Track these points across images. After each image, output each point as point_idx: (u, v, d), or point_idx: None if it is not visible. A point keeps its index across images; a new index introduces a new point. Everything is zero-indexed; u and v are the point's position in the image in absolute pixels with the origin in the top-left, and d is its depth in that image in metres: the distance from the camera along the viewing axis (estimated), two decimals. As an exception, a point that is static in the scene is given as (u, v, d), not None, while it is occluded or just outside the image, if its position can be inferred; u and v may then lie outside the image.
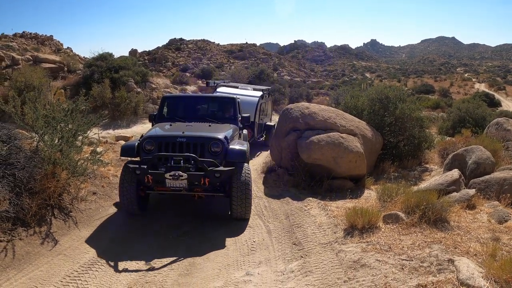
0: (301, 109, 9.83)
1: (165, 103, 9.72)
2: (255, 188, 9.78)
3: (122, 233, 7.01)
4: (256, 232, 6.87)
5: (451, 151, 11.45)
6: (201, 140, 7.10)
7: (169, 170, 6.63)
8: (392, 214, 5.94)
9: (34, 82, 19.63)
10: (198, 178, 6.65)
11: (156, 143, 7.15)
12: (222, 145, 7.10)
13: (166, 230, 7.16)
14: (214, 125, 8.43)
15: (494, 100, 50.17)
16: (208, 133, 7.52)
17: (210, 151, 7.04)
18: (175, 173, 6.56)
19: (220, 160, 7.01)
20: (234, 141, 7.98)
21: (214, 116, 9.37)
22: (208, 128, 8.03)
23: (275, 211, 7.81)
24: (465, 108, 23.67)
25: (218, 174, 6.67)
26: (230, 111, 9.51)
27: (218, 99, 10.53)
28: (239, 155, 7.19)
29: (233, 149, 7.21)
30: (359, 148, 9.29)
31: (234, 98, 9.74)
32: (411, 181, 10.31)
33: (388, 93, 12.16)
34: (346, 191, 8.87)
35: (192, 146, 6.98)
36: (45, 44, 45.95)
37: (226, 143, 7.22)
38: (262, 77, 38.34)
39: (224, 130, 7.82)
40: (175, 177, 6.56)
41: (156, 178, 6.74)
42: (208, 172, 6.62)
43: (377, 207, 6.73)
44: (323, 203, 7.58)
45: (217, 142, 7.09)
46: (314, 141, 8.97)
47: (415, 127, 12.06)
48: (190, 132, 7.37)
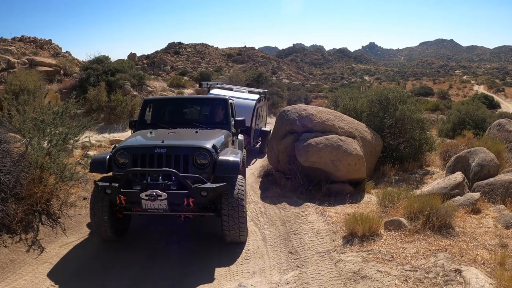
0: (298, 111, 9.51)
1: (147, 107, 8.53)
2: (251, 192, 9.51)
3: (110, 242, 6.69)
4: (251, 239, 6.53)
5: (453, 153, 11.18)
6: (184, 150, 5.90)
7: (145, 189, 5.52)
8: (394, 221, 5.62)
9: (29, 85, 19.36)
10: (180, 198, 5.52)
11: (130, 156, 5.94)
12: (210, 155, 5.89)
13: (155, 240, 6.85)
14: (202, 131, 7.31)
15: (493, 102, 50.23)
16: (193, 141, 6.36)
17: (196, 164, 5.86)
18: (152, 192, 5.43)
19: (208, 174, 5.87)
20: (226, 149, 6.74)
21: (203, 120, 8.33)
22: (194, 135, 6.95)
23: (271, 217, 7.49)
24: (465, 110, 23.49)
25: (205, 193, 5.50)
26: (222, 114, 8.31)
27: (207, 101, 9.55)
28: (231, 168, 5.95)
29: (224, 161, 5.97)
30: (358, 151, 8.98)
31: (225, 99, 8.46)
32: (412, 184, 10.01)
33: (388, 94, 11.87)
34: (345, 195, 8.57)
35: (173, 158, 5.81)
36: (44, 48, 45.78)
37: (215, 153, 6.02)
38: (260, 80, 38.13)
39: (213, 137, 6.61)
40: (152, 198, 5.42)
41: (130, 199, 5.63)
42: (192, 190, 5.47)
43: (378, 212, 6.43)
44: (321, 209, 7.27)
45: (203, 153, 5.89)
46: (311, 143, 8.65)
47: (415, 129, 11.76)
48: (171, 141, 6.19)
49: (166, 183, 5.65)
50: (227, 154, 6.31)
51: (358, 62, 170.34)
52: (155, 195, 5.43)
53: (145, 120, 8.26)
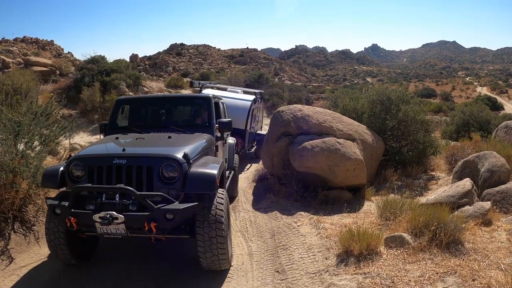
0: (293, 111, 8.84)
1: (119, 108, 7.33)
2: (244, 199, 8.91)
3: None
4: (236, 253, 5.84)
5: (459, 157, 10.58)
6: (147, 161, 4.81)
7: (98, 210, 4.53)
8: (396, 237, 4.94)
9: (22, 85, 18.88)
10: (140, 222, 4.50)
11: (86, 167, 4.92)
12: (180, 167, 4.80)
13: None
14: (178, 136, 6.17)
15: (497, 103, 50.02)
16: (160, 149, 5.31)
17: (162, 177, 4.80)
18: (106, 214, 4.41)
19: (177, 190, 4.80)
20: (204, 159, 5.57)
21: (182, 123, 7.22)
22: (165, 142, 5.86)
23: (260, 227, 6.83)
24: (469, 111, 22.97)
25: (170, 216, 4.45)
26: (203, 116, 7.13)
27: (187, 100, 8.20)
28: (205, 183, 4.82)
29: (196, 174, 4.84)
30: (358, 155, 8.32)
31: (208, 98, 7.19)
32: (416, 191, 9.38)
33: (390, 94, 11.21)
34: (343, 203, 7.93)
35: (135, 170, 4.77)
36: (46, 49, 45.52)
37: (187, 163, 4.90)
38: (261, 81, 37.65)
39: (187, 144, 5.51)
40: (106, 221, 4.39)
41: (82, 221, 4.63)
42: (154, 212, 4.43)
43: (378, 225, 5.78)
44: (315, 219, 6.59)
45: (171, 164, 4.80)
46: (307, 147, 7.99)
47: (419, 131, 11.10)
48: (135, 150, 5.27)
49: (123, 202, 4.57)
50: (202, 165, 5.18)
51: (360, 64, 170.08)
52: (110, 218, 4.40)
53: (116, 123, 7.14)
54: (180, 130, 6.54)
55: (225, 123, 6.84)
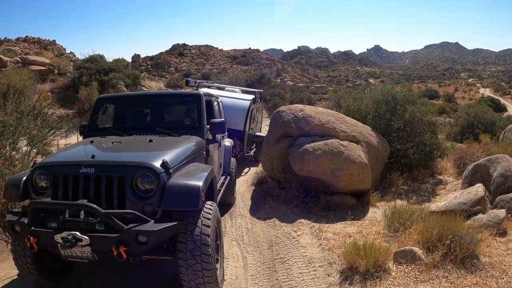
0: (294, 111, 8.32)
1: (100, 107, 6.45)
2: (241, 203, 8.41)
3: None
4: (230, 265, 5.32)
5: (468, 161, 10.10)
6: (118, 170, 4.03)
7: (60, 229, 3.77)
8: (407, 251, 4.42)
9: (18, 84, 18.48)
10: (108, 245, 3.70)
11: (50, 177, 4.16)
12: (157, 178, 3.99)
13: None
14: (161, 139, 5.35)
15: (500, 105, 49.65)
16: (135, 156, 4.54)
17: (137, 190, 4.00)
18: (68, 235, 3.64)
19: (154, 206, 3.99)
20: (189, 166, 4.72)
21: (169, 123, 6.47)
22: (143, 147, 5.02)
23: (257, 236, 6.30)
24: (473, 112, 22.53)
25: (143, 238, 3.69)
26: (193, 116, 6.24)
27: (173, 98, 7.17)
28: (186, 198, 3.97)
29: (176, 187, 4.00)
30: (362, 158, 7.81)
31: (198, 96, 6.26)
32: (423, 196, 8.89)
33: (396, 94, 10.70)
34: (346, 209, 7.45)
35: (105, 181, 4.00)
36: (48, 48, 45.21)
37: (166, 173, 4.09)
38: (262, 81, 37.27)
39: (169, 149, 4.72)
40: (67, 243, 3.61)
41: (43, 241, 3.88)
42: (124, 234, 3.67)
43: (385, 237, 5.27)
44: (317, 228, 6.07)
45: (146, 174, 4.00)
46: (308, 149, 7.48)
47: (426, 133, 10.59)
48: (106, 156, 4.60)
49: (89, 220, 3.77)
50: (186, 174, 4.36)
51: (363, 65, 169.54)
52: (72, 239, 3.62)
53: (96, 125, 6.26)
54: (166, 132, 5.68)
55: (218, 124, 5.92)
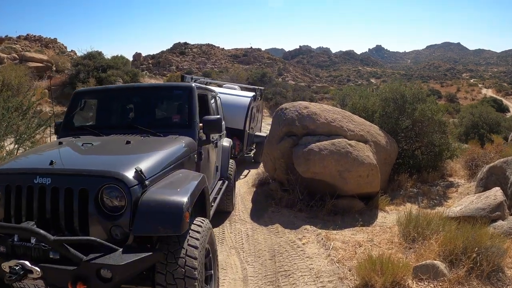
0: (298, 109, 7.77)
1: (77, 103, 5.50)
2: (242, 207, 7.84)
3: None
4: (228, 277, 4.73)
5: (480, 162, 9.58)
6: (79, 181, 3.18)
7: (9, 255, 2.99)
8: (428, 266, 3.88)
9: (13, 81, 18.00)
10: (63, 280, 2.91)
11: (3, 188, 3.32)
12: (127, 192, 3.11)
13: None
14: (141, 141, 4.45)
15: (503, 105, 49.28)
16: (103, 163, 3.57)
17: (103, 207, 3.13)
18: (16, 264, 2.85)
19: (124, 228, 3.11)
20: (173, 175, 3.81)
21: (154, 121, 5.42)
22: (118, 150, 4.12)
23: (258, 244, 5.72)
24: (478, 113, 22.11)
25: (107, 273, 2.86)
26: (183, 112, 5.29)
27: (161, 91, 6.07)
28: (163, 220, 3.06)
29: (151, 204, 3.12)
30: (371, 159, 7.28)
31: (189, 88, 5.29)
32: (434, 199, 8.38)
33: (405, 92, 10.17)
34: (354, 214, 6.94)
35: (64, 195, 3.15)
36: (49, 46, 44.85)
37: (140, 186, 3.20)
38: (264, 80, 36.83)
39: (147, 153, 3.85)
40: (14, 275, 2.82)
41: None
42: (82, 268, 2.87)
43: (399, 247, 4.75)
44: (324, 235, 5.53)
45: (114, 186, 3.14)
46: (314, 149, 6.94)
47: (435, 132, 10.06)
48: (67, 163, 3.51)
49: (41, 247, 2.95)
50: (167, 186, 3.47)
51: (364, 65, 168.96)
52: (19, 271, 2.83)
53: (72, 123, 5.34)
54: (150, 131, 4.76)
55: (212, 122, 4.91)
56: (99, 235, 3.05)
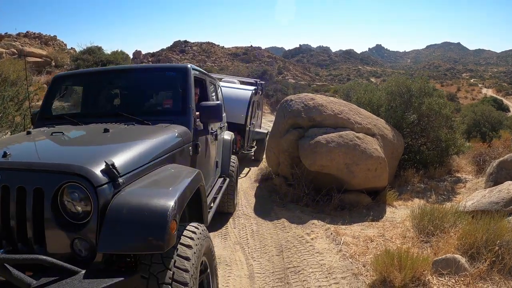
0: (304, 100, 7.52)
1: (57, 89, 4.82)
2: (245, 202, 7.58)
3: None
4: (233, 274, 4.46)
5: (488, 157, 9.37)
6: (34, 178, 2.47)
7: None
8: (449, 260, 3.64)
9: (11, 75, 17.78)
10: None
11: None
12: (93, 193, 2.37)
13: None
14: (124, 129, 3.77)
15: (503, 105, 49.14)
16: (66, 154, 3.02)
17: (63, 212, 2.43)
18: None
19: (90, 241, 2.38)
20: (160, 171, 3.08)
21: (143, 108, 4.72)
22: (92, 140, 3.42)
23: (264, 240, 5.46)
24: (480, 111, 21.97)
25: None
26: (176, 97, 4.51)
27: (151, 73, 5.09)
28: (140, 234, 2.28)
29: (124, 209, 2.33)
30: (379, 152, 7.05)
31: (184, 70, 4.53)
32: (442, 195, 8.17)
33: (411, 86, 9.93)
34: (362, 209, 6.73)
35: (16, 195, 2.45)
36: (49, 44, 44.49)
37: (110, 185, 2.46)
38: (265, 77, 36.67)
39: (127, 143, 3.11)
40: None
41: None
42: None
43: (413, 241, 4.51)
44: (333, 230, 5.29)
45: (75, 186, 2.41)
46: (321, 142, 6.69)
47: (442, 128, 9.84)
48: (23, 155, 2.86)
49: None
50: (148, 186, 2.72)
51: (364, 64, 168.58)
52: None
53: (49, 111, 4.65)
54: (138, 119, 4.02)
55: (211, 109, 4.29)
56: (59, 250, 2.37)
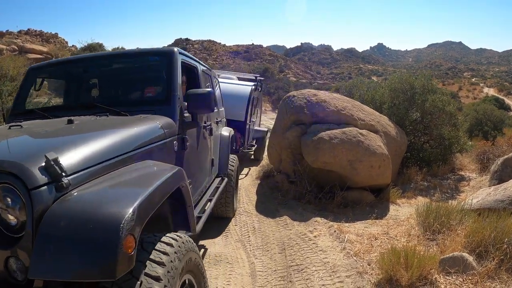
0: (306, 96, 7.42)
1: (32, 81, 4.32)
2: (246, 199, 7.48)
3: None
4: (234, 272, 4.36)
5: (491, 155, 9.27)
6: None
7: None
8: (456, 259, 3.53)
9: (11, 71, 17.73)
10: None
11: None
12: (27, 197, 1.80)
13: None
14: (91, 121, 3.22)
15: (504, 104, 49.12)
16: (5, 148, 2.27)
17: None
18: None
19: (23, 259, 1.81)
20: (126, 169, 2.44)
21: (121, 98, 4.31)
22: (46, 132, 2.81)
23: (266, 237, 5.36)
24: (482, 110, 21.91)
25: None
26: (159, 84, 3.99)
27: (131, 59, 4.44)
28: (83, 255, 1.65)
29: (62, 219, 1.74)
30: (383, 149, 6.95)
31: (169, 54, 3.93)
32: (446, 193, 8.06)
33: (414, 83, 9.83)
34: (365, 206, 6.62)
35: None
36: (50, 41, 44.37)
37: (51, 187, 1.87)
38: (266, 75, 36.60)
39: (87, 135, 2.59)
40: None
41: None
42: None
43: (418, 239, 4.41)
44: (336, 227, 5.19)
45: (8, 187, 1.84)
46: (324, 138, 6.59)
47: (445, 125, 9.74)
48: None
49: None
50: (103, 189, 2.06)
51: (366, 63, 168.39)
52: None
53: (21, 105, 4.19)
54: (114, 110, 3.49)
55: (199, 97, 3.69)
56: None
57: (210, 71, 5.99)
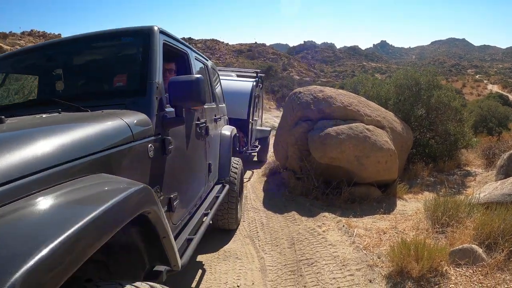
0: (313, 92, 7.46)
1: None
2: (253, 196, 7.52)
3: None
4: (244, 267, 4.37)
5: (497, 150, 9.29)
6: None
7: None
8: (466, 251, 3.56)
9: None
10: None
11: None
12: None
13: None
14: (28, 119, 2.35)
15: (509, 101, 48.90)
16: None
17: None
18: None
19: None
20: (60, 186, 1.53)
21: (87, 90, 3.37)
22: None
23: (275, 232, 5.39)
24: (486, 106, 21.86)
25: None
26: (132, 71, 3.10)
27: (99, 42, 3.41)
28: None
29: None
30: (390, 145, 6.97)
31: (147, 33, 3.07)
32: (452, 188, 8.06)
33: (420, 79, 9.83)
34: (372, 202, 6.65)
35: None
36: (53, 42, 44.53)
37: None
38: (270, 73, 36.57)
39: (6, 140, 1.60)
40: None
41: None
42: None
43: (427, 233, 4.43)
44: (344, 222, 5.23)
45: None
46: (331, 134, 6.62)
47: (451, 121, 9.75)
48: None
49: None
50: (9, 222, 1.17)
51: (369, 60, 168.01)
52: None
53: None
54: (75, 105, 2.65)
55: (183, 84, 2.80)
56: None
57: (207, 61, 5.21)
